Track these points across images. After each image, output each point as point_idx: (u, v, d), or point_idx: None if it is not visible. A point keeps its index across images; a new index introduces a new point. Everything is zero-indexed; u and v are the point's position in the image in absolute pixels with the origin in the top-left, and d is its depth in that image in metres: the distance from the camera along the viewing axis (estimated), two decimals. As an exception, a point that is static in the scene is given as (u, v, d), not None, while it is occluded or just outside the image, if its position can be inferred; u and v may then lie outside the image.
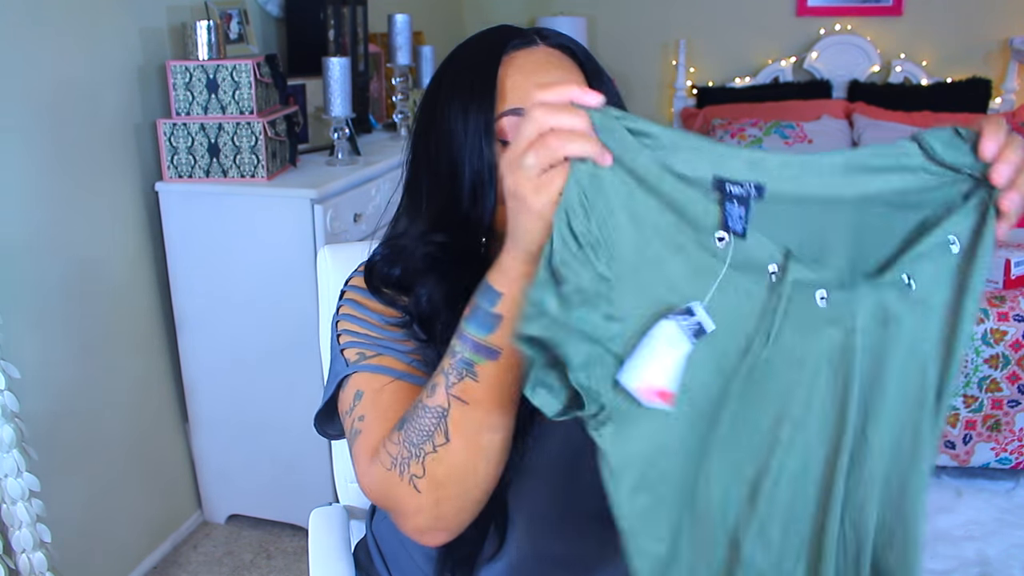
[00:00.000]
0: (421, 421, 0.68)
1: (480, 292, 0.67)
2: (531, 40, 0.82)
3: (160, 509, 2.05)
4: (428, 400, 0.68)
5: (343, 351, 0.82)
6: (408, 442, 0.69)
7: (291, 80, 2.31)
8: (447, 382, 0.67)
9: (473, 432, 0.67)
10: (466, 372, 0.67)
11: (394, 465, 0.70)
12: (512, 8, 4.05)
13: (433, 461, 0.68)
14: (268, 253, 1.89)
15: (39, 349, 1.64)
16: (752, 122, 3.55)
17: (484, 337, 0.66)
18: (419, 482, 0.68)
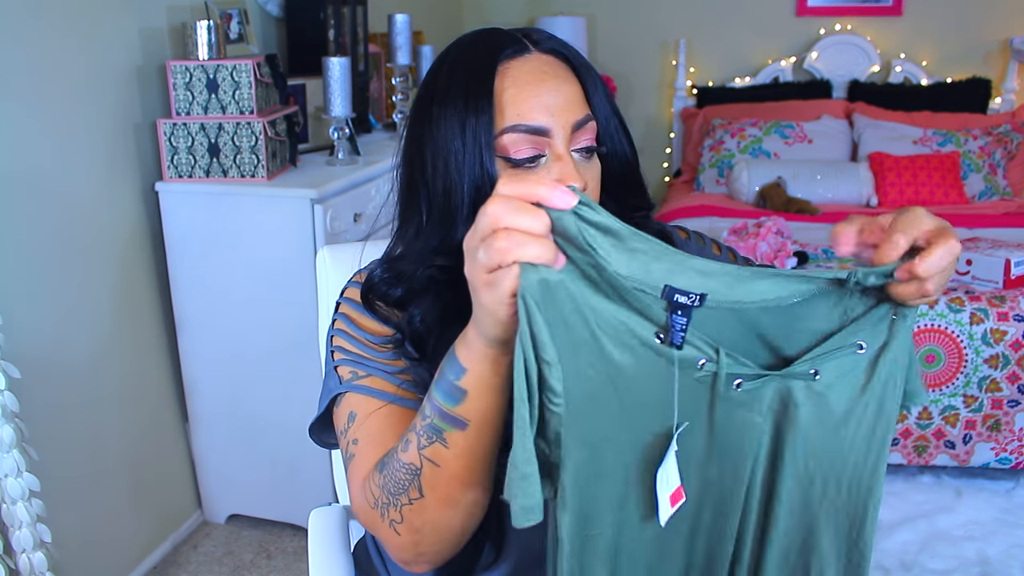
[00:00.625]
0: (397, 474, 0.69)
1: (447, 360, 0.66)
2: (523, 47, 0.79)
3: (160, 509, 2.05)
4: (402, 455, 0.69)
5: (336, 368, 0.83)
6: (386, 490, 0.71)
7: (291, 80, 2.31)
8: (419, 443, 0.67)
9: (446, 490, 0.68)
10: (436, 437, 0.67)
11: (376, 506, 0.72)
12: (512, 8, 4.05)
13: (410, 512, 0.69)
14: (268, 253, 1.89)
15: (39, 349, 1.64)
16: (752, 122, 3.55)
17: (451, 408, 0.65)
18: (398, 526, 0.71)
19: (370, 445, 0.77)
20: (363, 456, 0.76)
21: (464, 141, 0.77)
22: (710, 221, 3.02)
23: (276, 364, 1.96)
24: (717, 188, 3.47)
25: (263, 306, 1.93)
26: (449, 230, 0.78)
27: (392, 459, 0.70)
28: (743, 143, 3.49)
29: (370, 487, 0.73)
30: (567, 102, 0.77)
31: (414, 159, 0.81)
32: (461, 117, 0.77)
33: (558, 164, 0.77)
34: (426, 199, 0.80)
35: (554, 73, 0.78)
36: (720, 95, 3.80)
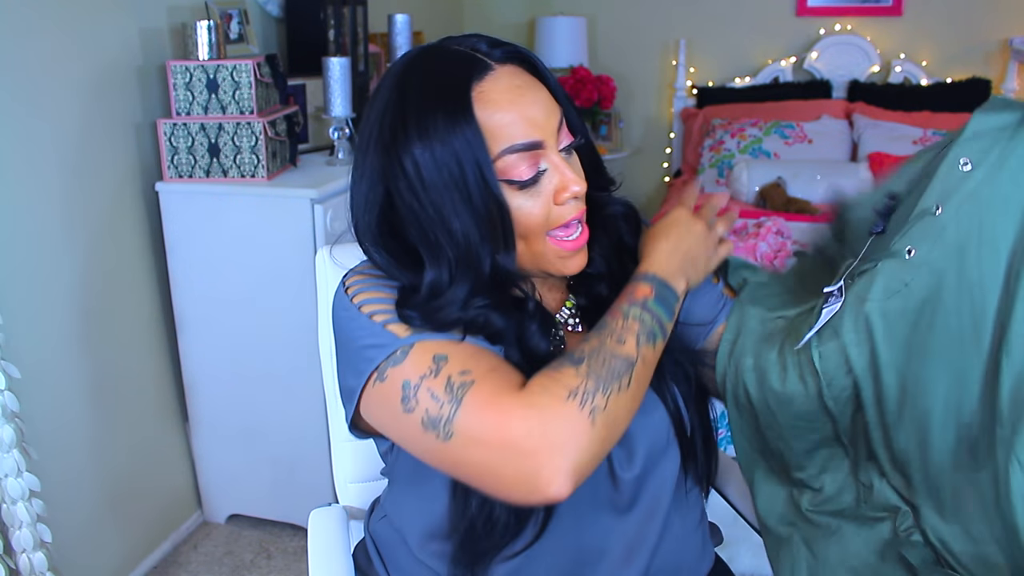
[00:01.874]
0: (611, 363, 0.74)
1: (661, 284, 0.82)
2: (485, 65, 0.79)
3: (160, 509, 2.05)
4: (617, 347, 0.75)
5: (386, 326, 0.78)
6: (596, 376, 0.73)
7: (291, 80, 2.31)
8: (638, 339, 0.77)
9: (641, 387, 0.77)
10: (651, 340, 0.78)
11: (572, 396, 0.71)
12: (512, 8, 4.05)
13: (616, 400, 0.73)
14: (268, 253, 1.89)
15: (39, 349, 1.65)
16: (752, 122, 3.55)
17: (666, 323, 0.80)
18: (599, 415, 0.71)
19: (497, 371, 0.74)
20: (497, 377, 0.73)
21: (467, 176, 0.76)
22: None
23: (276, 364, 1.96)
24: (717, 188, 3.47)
25: (263, 306, 1.93)
26: (478, 268, 0.79)
27: (600, 351, 0.75)
28: (743, 143, 3.49)
29: (561, 380, 0.72)
30: (546, 109, 0.80)
31: (406, 204, 0.79)
32: (455, 154, 0.76)
33: (557, 173, 0.80)
34: (448, 248, 0.78)
35: (525, 84, 0.80)
36: (720, 95, 3.80)
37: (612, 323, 0.78)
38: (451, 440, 0.71)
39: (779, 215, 2.80)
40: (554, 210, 0.81)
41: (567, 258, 0.84)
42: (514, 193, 0.79)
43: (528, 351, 0.81)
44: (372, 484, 1.18)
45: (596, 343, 0.76)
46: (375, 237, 0.83)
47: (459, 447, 0.71)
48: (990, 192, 0.71)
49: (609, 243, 0.92)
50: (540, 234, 0.81)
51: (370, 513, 1.05)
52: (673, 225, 0.89)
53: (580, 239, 0.84)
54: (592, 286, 0.92)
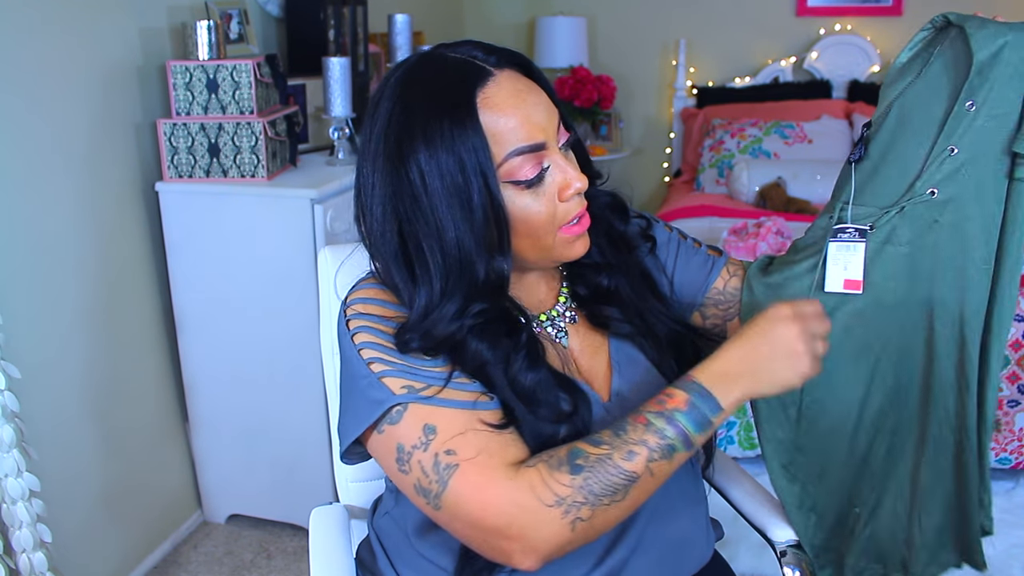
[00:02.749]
0: (611, 478, 0.75)
1: (699, 397, 0.77)
2: (486, 72, 0.80)
3: (160, 509, 2.05)
4: (624, 463, 0.75)
5: (381, 379, 0.79)
6: (588, 490, 0.74)
7: (291, 80, 2.31)
8: (649, 456, 0.75)
9: (641, 498, 0.77)
10: (667, 454, 0.76)
11: (559, 503, 0.74)
12: (512, 8, 4.05)
13: (604, 512, 0.75)
14: (268, 253, 1.89)
15: (39, 349, 1.64)
16: (752, 122, 3.55)
17: (695, 436, 0.77)
18: (580, 524, 0.74)
19: (483, 454, 0.76)
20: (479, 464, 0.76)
21: (471, 184, 0.77)
22: (710, 221, 3.02)
23: (276, 364, 1.96)
24: (717, 188, 3.47)
25: (263, 306, 1.93)
26: (472, 275, 0.80)
27: (604, 465, 0.75)
28: (743, 143, 3.49)
29: (550, 487, 0.74)
30: (547, 110, 0.82)
31: (407, 214, 0.80)
32: (461, 161, 0.77)
33: (560, 173, 0.82)
34: (439, 256, 0.79)
35: (526, 87, 0.82)
36: (720, 95, 3.80)
37: (630, 431, 0.76)
38: (440, 511, 0.78)
39: (779, 215, 2.80)
40: (560, 207, 0.83)
41: (572, 242, 0.86)
42: (520, 193, 0.81)
43: (520, 390, 0.82)
44: (373, 483, 1.18)
45: (605, 451, 0.75)
46: (387, 256, 0.83)
47: (447, 518, 0.78)
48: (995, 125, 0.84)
49: (601, 233, 0.94)
50: (546, 230, 0.83)
51: (373, 510, 1.05)
52: (763, 323, 0.80)
53: (583, 224, 0.86)
54: (590, 276, 0.95)
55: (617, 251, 0.95)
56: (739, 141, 3.50)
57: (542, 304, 0.94)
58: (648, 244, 1.00)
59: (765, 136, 3.48)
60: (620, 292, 0.94)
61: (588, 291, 0.95)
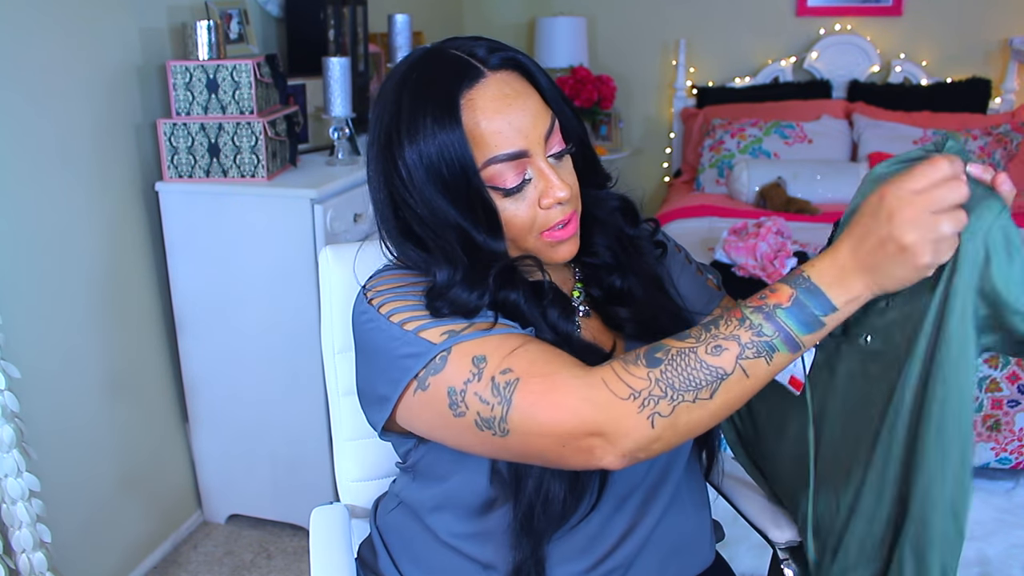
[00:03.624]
0: (692, 372, 0.70)
1: (809, 294, 0.70)
2: (478, 72, 0.80)
3: (160, 509, 2.05)
4: (709, 358, 0.70)
5: (420, 333, 0.78)
6: (666, 383, 0.70)
7: (291, 80, 2.31)
8: (741, 352, 0.70)
9: (736, 400, 0.71)
10: (765, 353, 0.70)
11: (634, 397, 0.70)
12: (512, 8, 4.05)
13: (686, 410, 0.70)
14: (268, 253, 1.89)
15: (39, 349, 1.64)
16: (752, 122, 3.55)
17: (801, 336, 0.70)
18: (660, 420, 0.70)
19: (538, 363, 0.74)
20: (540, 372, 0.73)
21: (455, 176, 0.79)
22: (710, 221, 3.02)
23: (276, 364, 1.96)
24: (717, 188, 3.47)
25: (263, 306, 1.93)
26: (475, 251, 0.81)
27: (686, 357, 0.70)
28: (743, 143, 3.49)
29: (623, 380, 0.70)
30: (534, 117, 0.80)
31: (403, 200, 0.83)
32: (442, 154, 0.78)
33: (542, 180, 0.81)
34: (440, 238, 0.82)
35: (514, 92, 0.80)
36: (720, 95, 3.80)
37: (723, 325, 0.71)
38: (508, 436, 0.74)
39: (779, 215, 2.80)
40: (540, 214, 0.83)
41: (556, 246, 0.85)
42: (500, 198, 0.82)
43: (559, 333, 0.83)
44: (374, 482, 1.18)
45: (689, 344, 0.71)
46: (396, 238, 0.86)
47: (518, 440, 0.74)
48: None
49: (613, 235, 0.94)
50: (527, 235, 0.84)
51: (375, 510, 1.05)
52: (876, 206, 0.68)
53: (568, 229, 0.85)
54: (603, 277, 0.94)
55: (628, 253, 0.95)
56: (739, 141, 3.50)
57: None
58: (659, 250, 1.00)
59: (765, 136, 3.48)
60: (633, 293, 0.93)
61: (602, 292, 0.94)
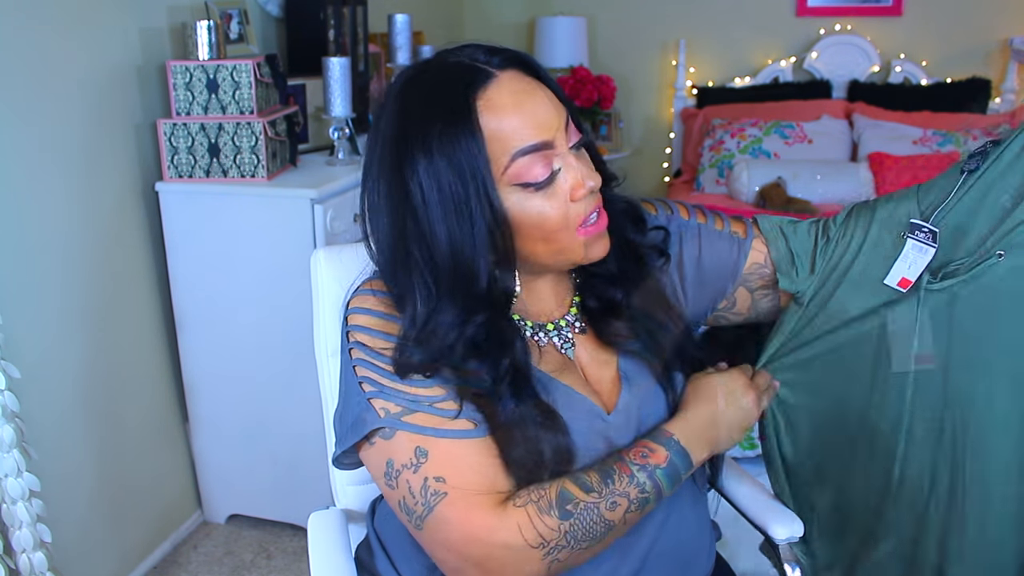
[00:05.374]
0: (593, 527, 0.78)
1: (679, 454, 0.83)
2: (487, 74, 0.79)
3: (160, 509, 2.05)
4: (608, 514, 0.78)
5: (370, 400, 0.80)
6: (572, 536, 0.77)
7: (291, 80, 2.31)
8: (628, 507, 0.79)
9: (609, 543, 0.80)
10: (642, 506, 0.80)
11: (543, 546, 0.76)
12: (512, 8, 4.05)
13: (578, 555, 0.78)
14: (268, 253, 1.89)
15: (39, 349, 1.64)
16: (752, 122, 3.55)
17: (668, 491, 0.82)
18: (556, 564, 0.78)
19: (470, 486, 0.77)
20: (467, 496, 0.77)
21: (469, 190, 0.76)
22: (710, 221, 3.01)
23: (276, 364, 1.96)
24: (717, 188, 3.47)
25: (263, 306, 1.93)
26: (471, 284, 0.79)
27: (590, 513, 0.77)
28: (743, 143, 3.49)
29: (539, 528, 0.76)
30: (548, 108, 0.80)
31: (404, 225, 0.80)
32: (459, 167, 0.76)
33: (571, 172, 0.81)
34: (440, 263, 0.79)
35: (527, 88, 0.80)
36: (720, 95, 3.80)
37: (616, 480, 0.79)
38: (421, 531, 0.80)
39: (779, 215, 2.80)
40: (572, 208, 0.82)
41: (592, 243, 0.84)
42: (530, 196, 0.80)
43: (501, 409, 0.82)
44: (370, 486, 1.18)
45: (593, 499, 0.78)
46: (395, 260, 0.82)
47: (426, 538, 0.80)
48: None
49: (617, 242, 0.91)
50: (561, 232, 0.82)
51: (372, 512, 1.05)
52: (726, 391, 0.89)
53: (600, 223, 0.85)
54: (601, 288, 0.93)
55: (630, 262, 0.93)
56: (739, 141, 3.50)
57: (551, 313, 0.92)
58: (662, 260, 0.97)
59: (765, 136, 3.48)
60: (631, 306, 0.92)
61: (599, 304, 0.93)
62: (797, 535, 1.04)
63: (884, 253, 0.92)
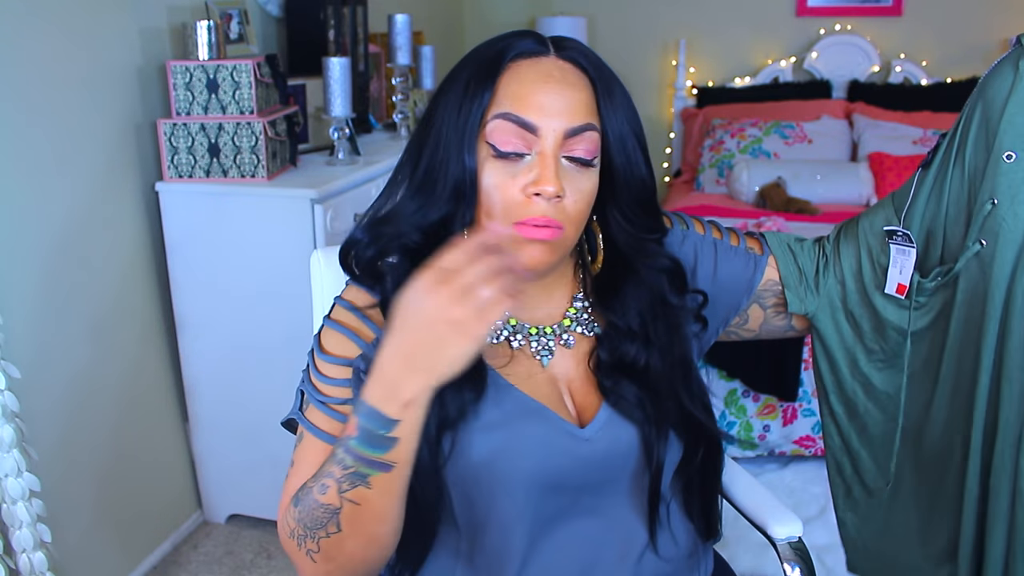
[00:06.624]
0: (313, 512, 0.73)
1: (367, 415, 0.68)
2: (542, 50, 0.80)
3: (160, 509, 2.05)
4: (320, 497, 0.72)
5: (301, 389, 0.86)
6: (303, 524, 0.74)
7: (291, 80, 2.31)
8: (339, 488, 0.70)
9: (363, 526, 0.72)
10: (359, 482, 0.70)
11: (293, 536, 0.76)
12: (512, 8, 4.05)
13: (327, 543, 0.73)
14: (268, 253, 1.89)
15: (39, 349, 1.64)
16: (752, 122, 3.55)
17: (379, 456, 0.69)
18: (316, 556, 0.74)
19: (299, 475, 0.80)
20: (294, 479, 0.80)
21: (456, 124, 0.79)
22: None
23: (276, 364, 1.96)
24: (717, 188, 3.47)
25: (263, 306, 1.93)
26: (426, 205, 0.81)
27: (308, 498, 0.73)
28: (743, 143, 3.49)
29: (287, 519, 0.77)
30: (566, 107, 0.77)
31: (416, 133, 0.84)
32: (459, 100, 0.79)
33: (539, 166, 0.77)
34: (412, 168, 0.83)
35: (562, 78, 0.79)
36: (720, 95, 3.80)
37: (328, 463, 0.72)
38: None
39: (779, 215, 2.80)
40: (520, 199, 0.77)
41: (524, 244, 0.78)
42: (491, 162, 0.78)
43: None
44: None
45: (309, 486, 0.74)
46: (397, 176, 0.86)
47: None
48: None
49: (650, 299, 0.86)
50: (501, 216, 0.78)
51: None
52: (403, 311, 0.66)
53: (544, 232, 0.77)
54: (618, 342, 0.85)
55: (660, 326, 0.86)
56: (739, 141, 3.50)
57: (533, 313, 0.87)
58: (698, 325, 0.92)
59: (765, 136, 3.48)
60: (648, 373, 0.84)
61: (611, 359, 0.85)
62: (796, 535, 1.04)
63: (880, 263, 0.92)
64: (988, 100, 0.85)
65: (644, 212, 0.86)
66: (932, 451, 0.93)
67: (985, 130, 0.85)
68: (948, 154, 0.89)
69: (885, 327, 0.92)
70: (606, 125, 0.80)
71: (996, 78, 0.84)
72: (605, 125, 0.80)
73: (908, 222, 0.90)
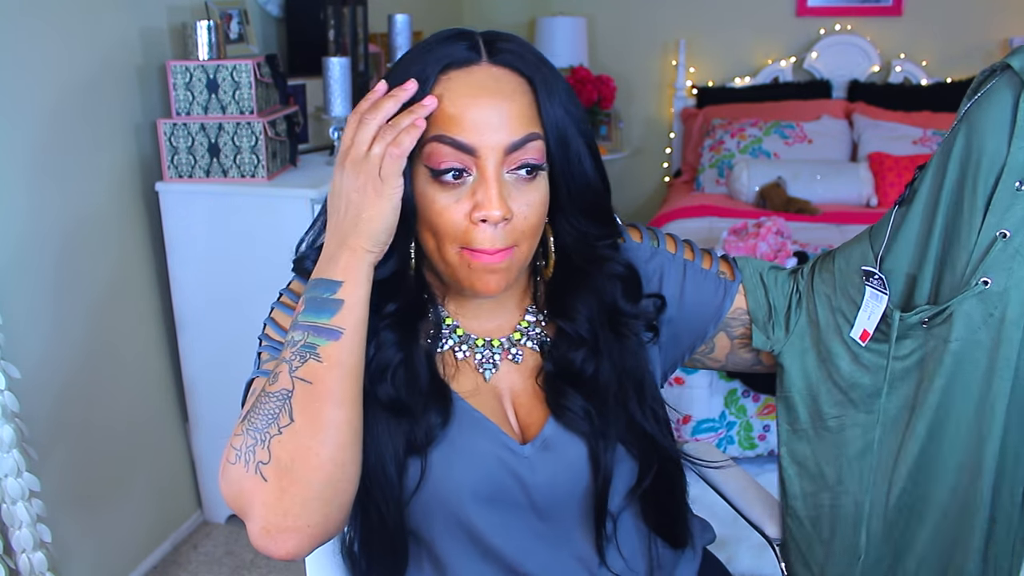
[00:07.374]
0: (265, 407, 0.71)
1: (313, 285, 0.73)
2: (473, 57, 0.75)
3: (160, 509, 2.05)
4: (271, 387, 0.71)
5: (259, 353, 0.84)
6: (253, 429, 0.72)
7: (291, 80, 2.31)
8: (290, 368, 0.71)
9: (317, 408, 0.70)
10: (309, 355, 0.71)
11: (239, 457, 0.73)
12: (512, 8, 4.05)
13: (278, 444, 0.70)
14: (268, 253, 1.89)
15: (39, 349, 1.65)
16: (752, 122, 3.55)
17: (326, 322, 0.71)
18: (265, 469, 0.70)
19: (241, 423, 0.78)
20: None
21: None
22: (710, 221, 3.02)
23: (276, 364, 1.96)
24: (717, 188, 3.47)
25: (263, 306, 1.91)
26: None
27: (258, 401, 0.72)
28: (743, 143, 3.49)
29: (232, 445, 0.74)
30: (503, 120, 0.72)
31: None
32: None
33: (481, 187, 0.73)
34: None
35: (497, 88, 0.73)
36: (720, 95, 3.80)
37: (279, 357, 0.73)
38: None
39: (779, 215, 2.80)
40: (469, 227, 0.74)
41: (476, 271, 0.75)
42: (432, 185, 0.74)
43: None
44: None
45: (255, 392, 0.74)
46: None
47: None
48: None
49: (600, 306, 0.83)
50: (447, 240, 0.75)
51: None
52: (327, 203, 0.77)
53: (496, 257, 0.74)
54: (566, 350, 0.82)
55: (611, 334, 0.83)
56: (739, 141, 3.50)
57: (483, 325, 0.85)
58: (650, 334, 0.88)
59: (765, 136, 3.48)
60: (596, 383, 0.81)
61: (556, 368, 0.82)
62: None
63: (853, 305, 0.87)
64: (978, 131, 0.81)
65: (593, 217, 0.81)
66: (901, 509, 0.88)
67: (977, 162, 0.80)
68: (934, 187, 0.84)
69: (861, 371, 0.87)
70: (547, 127, 0.75)
71: (988, 109, 0.81)
72: (547, 127, 0.75)
73: (886, 263, 0.85)
